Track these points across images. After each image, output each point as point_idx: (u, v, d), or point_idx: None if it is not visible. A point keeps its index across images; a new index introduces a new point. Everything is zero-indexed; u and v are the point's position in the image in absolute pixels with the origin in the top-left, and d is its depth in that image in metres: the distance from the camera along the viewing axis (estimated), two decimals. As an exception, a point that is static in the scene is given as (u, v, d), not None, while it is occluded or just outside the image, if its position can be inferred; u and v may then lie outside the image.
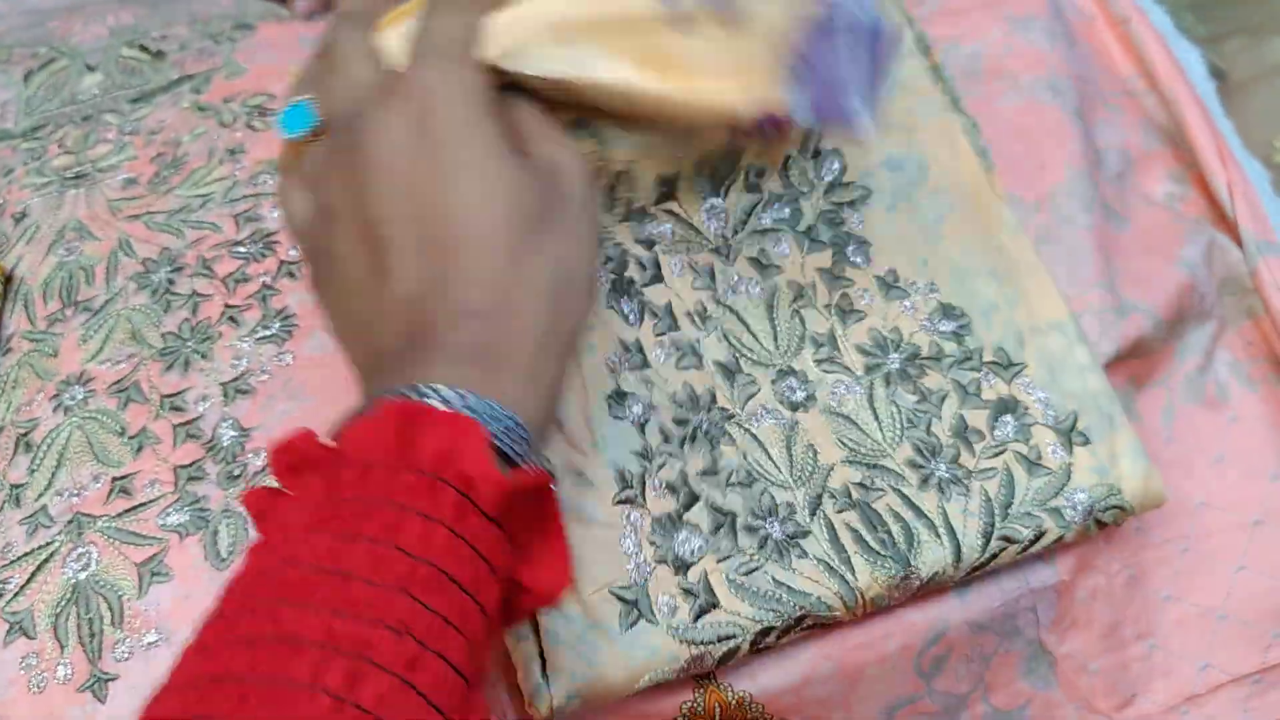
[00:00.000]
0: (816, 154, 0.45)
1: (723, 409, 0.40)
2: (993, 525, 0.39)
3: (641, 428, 0.39)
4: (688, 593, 0.37)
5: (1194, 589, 0.45)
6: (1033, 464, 0.40)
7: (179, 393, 0.41)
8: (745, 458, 0.40)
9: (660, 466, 0.39)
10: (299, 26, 0.57)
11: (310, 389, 0.41)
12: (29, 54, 0.59)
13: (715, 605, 0.37)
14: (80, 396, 0.42)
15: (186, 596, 0.37)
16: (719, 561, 0.37)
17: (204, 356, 0.42)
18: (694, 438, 0.40)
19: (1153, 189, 0.51)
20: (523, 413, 0.28)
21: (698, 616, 0.37)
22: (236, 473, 0.39)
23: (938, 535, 0.39)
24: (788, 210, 0.44)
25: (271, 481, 0.38)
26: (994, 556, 0.39)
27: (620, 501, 0.38)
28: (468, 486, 0.26)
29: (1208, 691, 0.44)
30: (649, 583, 0.37)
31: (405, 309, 0.30)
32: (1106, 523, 0.40)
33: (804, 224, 0.44)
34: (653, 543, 0.37)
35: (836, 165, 0.45)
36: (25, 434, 0.42)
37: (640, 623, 0.36)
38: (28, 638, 0.37)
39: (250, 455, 0.39)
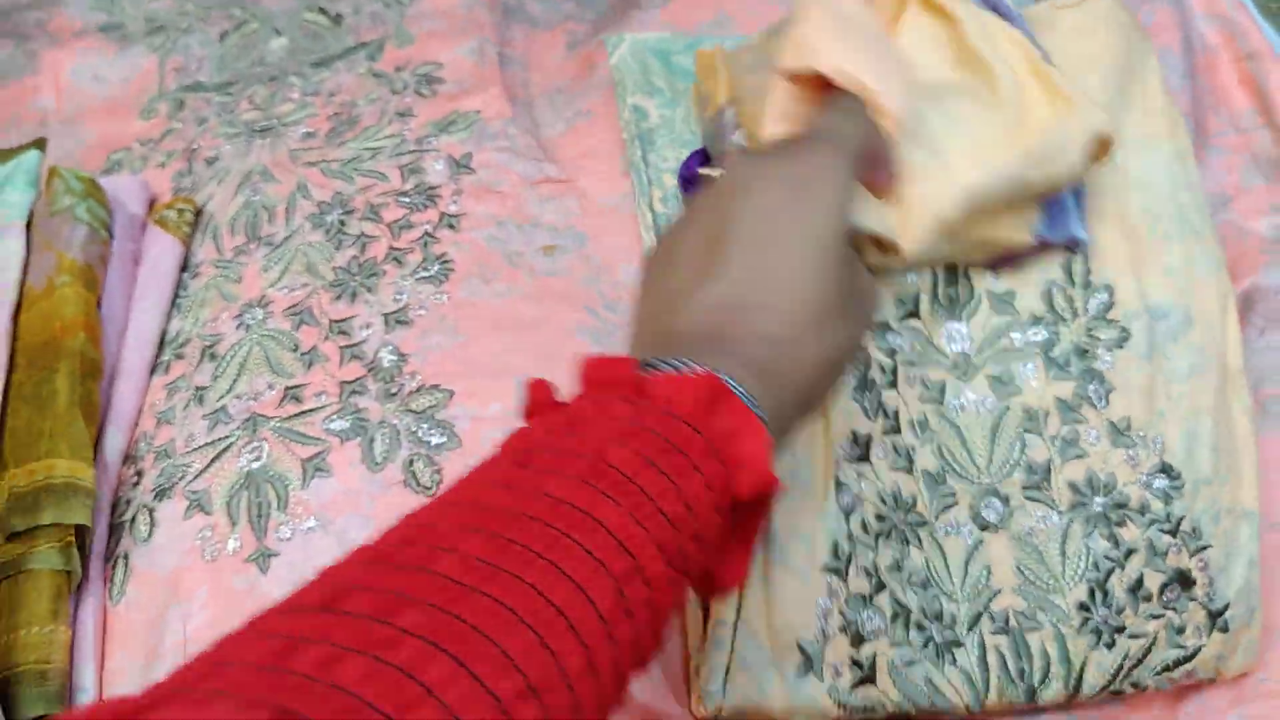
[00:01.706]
0: (1087, 284, 0.46)
1: (919, 514, 0.43)
2: (1113, 683, 0.42)
3: (847, 516, 0.42)
4: (855, 664, 0.41)
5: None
6: (1175, 634, 0.42)
7: (346, 319, 0.47)
8: (927, 564, 0.43)
9: (862, 552, 0.42)
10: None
11: (461, 327, 0.46)
12: (224, 15, 0.65)
13: (871, 681, 0.41)
14: (260, 317, 0.48)
15: (344, 491, 0.42)
16: (890, 646, 0.41)
17: (370, 290, 0.48)
18: (889, 534, 0.43)
19: (1254, 223, 0.53)
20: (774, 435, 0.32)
21: (854, 686, 0.40)
22: (394, 391, 0.44)
23: (1067, 681, 0.41)
24: (1044, 334, 0.45)
25: (422, 400, 0.43)
26: (1094, 699, 0.42)
27: (828, 569, 0.41)
28: (736, 467, 0.30)
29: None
30: (828, 645, 0.41)
31: (713, 308, 0.34)
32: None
33: (1057, 350, 0.45)
34: (842, 613, 0.41)
35: (1105, 298, 0.46)
36: (210, 346, 0.48)
37: (809, 676, 0.40)
38: (204, 514, 0.43)
39: (406, 377, 0.44)
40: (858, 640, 0.41)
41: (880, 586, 0.42)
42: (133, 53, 0.64)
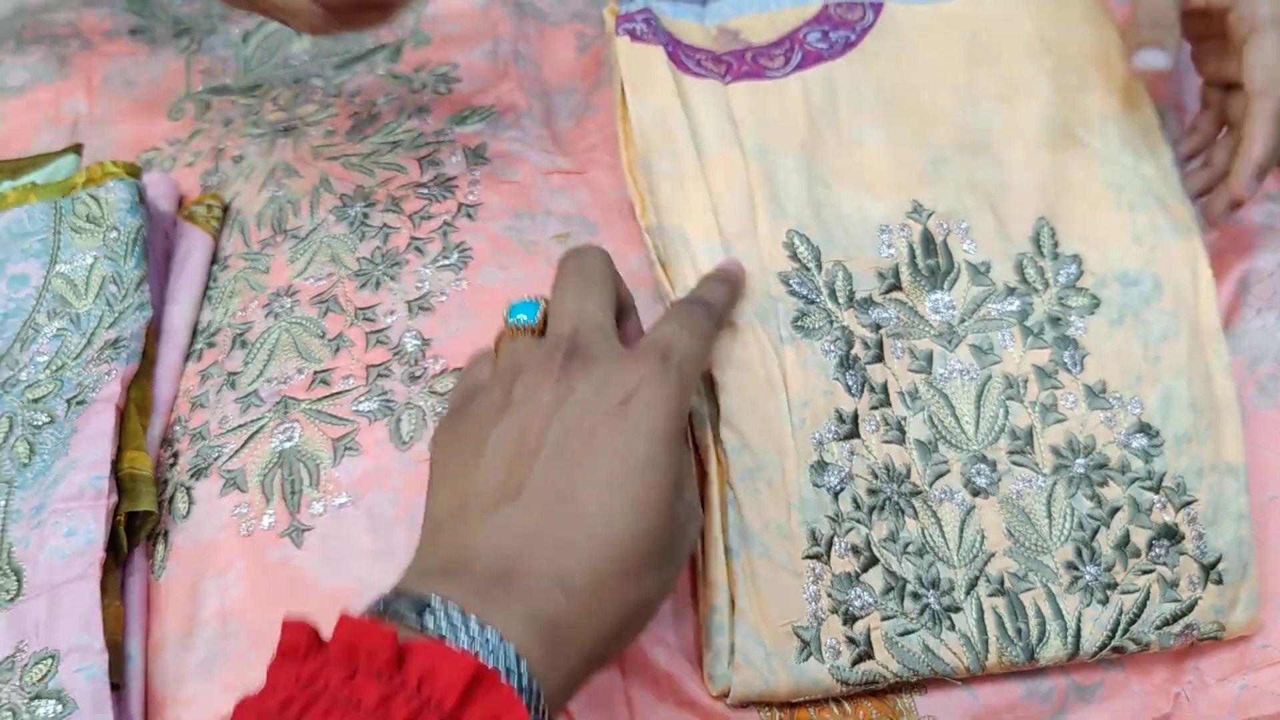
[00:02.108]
0: (1055, 255, 0.48)
1: (913, 484, 0.45)
2: (1112, 638, 0.44)
3: (836, 495, 0.44)
4: (851, 641, 0.43)
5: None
6: (1169, 588, 0.44)
7: (370, 307, 0.49)
8: (923, 532, 0.44)
9: (848, 531, 0.44)
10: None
11: (480, 311, 0.48)
12: (244, 13, 0.67)
13: (870, 656, 0.43)
14: (288, 306, 0.50)
15: (374, 469, 0.44)
16: (883, 620, 0.43)
17: (392, 279, 0.50)
18: (882, 507, 0.45)
19: (1246, 210, 0.54)
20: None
21: (854, 663, 0.42)
22: (418, 373, 0.46)
23: (1065, 638, 0.43)
24: (1017, 304, 0.48)
25: (445, 382, 0.45)
26: (1098, 659, 0.44)
27: (808, 557, 0.43)
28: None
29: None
30: (821, 627, 0.43)
31: (510, 533, 0.31)
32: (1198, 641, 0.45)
33: (1031, 320, 0.47)
34: (830, 595, 0.43)
35: (1074, 269, 0.48)
36: (241, 334, 0.50)
37: (810, 660, 0.42)
38: (240, 491, 0.45)
39: (430, 360, 0.47)
40: (849, 619, 0.43)
41: (871, 562, 0.44)
42: (161, 55, 0.67)
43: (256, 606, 0.42)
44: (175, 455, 0.47)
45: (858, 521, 0.44)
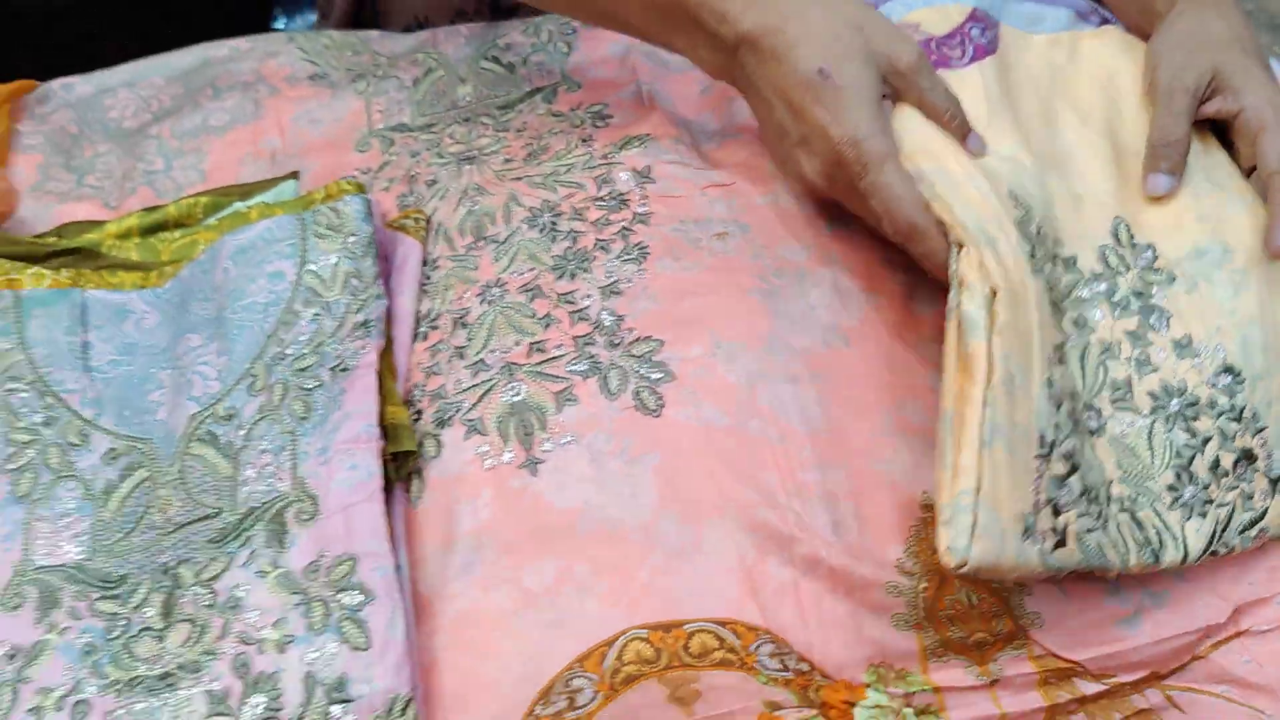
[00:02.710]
0: (1133, 245, 0.59)
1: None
2: (1210, 544, 0.54)
3: (1058, 408, 0.52)
4: (1054, 530, 0.50)
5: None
6: (1247, 500, 0.55)
7: (569, 292, 0.61)
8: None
9: (1064, 440, 0.52)
10: (611, 33, 0.74)
11: (660, 295, 0.60)
12: (411, 62, 0.80)
13: (1064, 545, 0.50)
14: (498, 294, 0.62)
15: (590, 415, 0.56)
16: (1078, 517, 0.51)
17: (585, 271, 0.62)
18: (1076, 425, 0.53)
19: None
20: None
21: (1053, 549, 0.50)
22: (616, 341, 0.58)
23: (1177, 545, 0.53)
24: (1104, 285, 0.58)
25: (640, 347, 0.57)
26: (1200, 562, 0.53)
27: (1038, 456, 0.50)
28: None
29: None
30: (1039, 516, 0.49)
31: None
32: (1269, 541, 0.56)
33: (1118, 296, 0.57)
34: (1045, 490, 0.50)
35: (1149, 254, 0.59)
36: (460, 317, 0.62)
37: (1028, 542, 0.49)
38: (481, 435, 0.56)
39: (625, 331, 0.58)
40: (1056, 512, 0.51)
41: (1074, 468, 0.52)
42: (342, 97, 0.79)
43: (503, 523, 0.54)
44: (419, 412, 0.59)
45: (1068, 433, 0.53)
